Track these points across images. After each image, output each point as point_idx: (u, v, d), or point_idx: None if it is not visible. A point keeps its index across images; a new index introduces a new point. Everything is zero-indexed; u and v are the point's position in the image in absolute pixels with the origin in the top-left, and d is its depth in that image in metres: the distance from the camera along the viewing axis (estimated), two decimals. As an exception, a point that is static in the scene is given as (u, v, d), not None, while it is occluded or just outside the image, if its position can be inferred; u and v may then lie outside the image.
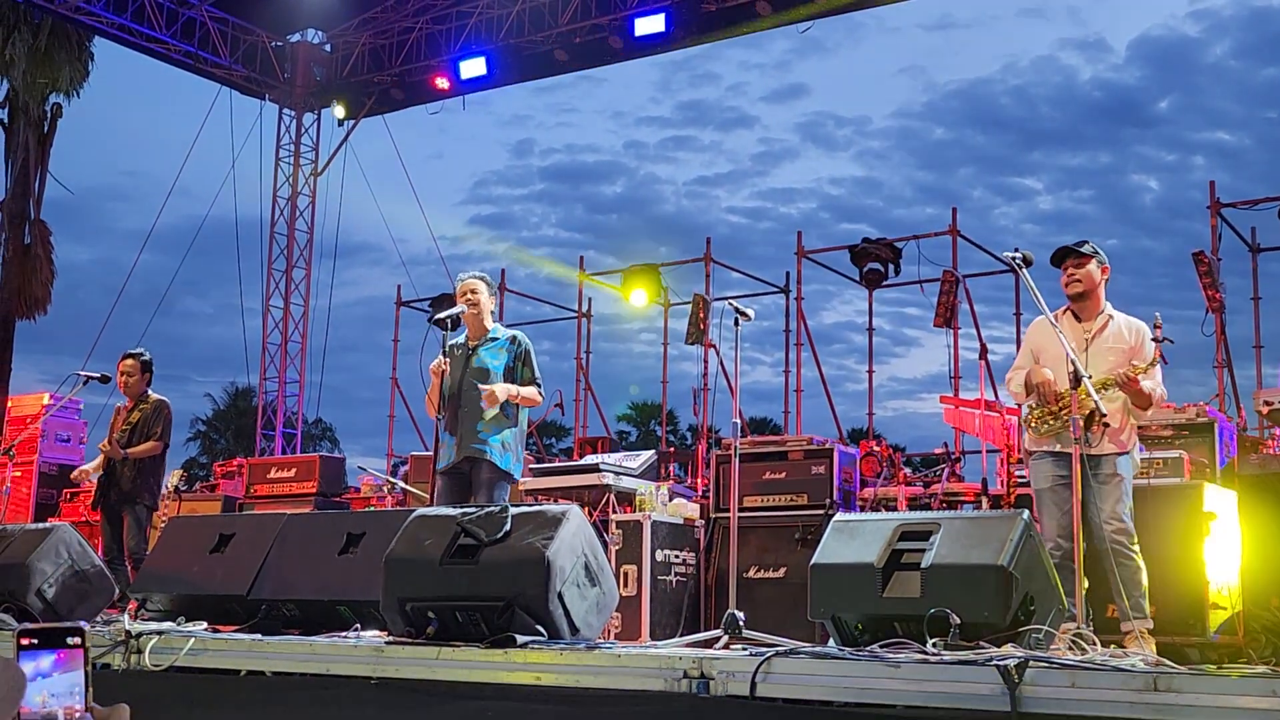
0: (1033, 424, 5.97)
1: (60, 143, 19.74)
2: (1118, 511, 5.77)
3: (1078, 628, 4.84)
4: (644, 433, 47.14)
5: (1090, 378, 5.52)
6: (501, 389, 6.47)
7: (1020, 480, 7.64)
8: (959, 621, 4.19)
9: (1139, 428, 6.24)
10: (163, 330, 20.06)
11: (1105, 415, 5.42)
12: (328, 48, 18.18)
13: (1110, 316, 6.03)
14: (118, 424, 8.79)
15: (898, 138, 73.79)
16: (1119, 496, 5.80)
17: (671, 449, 15.11)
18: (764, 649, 4.25)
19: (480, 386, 6.46)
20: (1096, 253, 6.03)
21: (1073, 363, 5.45)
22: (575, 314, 15.01)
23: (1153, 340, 5.84)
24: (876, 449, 9.06)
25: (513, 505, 5.12)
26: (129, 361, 8.87)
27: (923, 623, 4.26)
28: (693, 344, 13.42)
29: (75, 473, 9.11)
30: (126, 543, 8.55)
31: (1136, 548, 5.79)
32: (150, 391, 8.92)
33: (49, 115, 19.60)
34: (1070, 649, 4.43)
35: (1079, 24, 78.53)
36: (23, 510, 12.06)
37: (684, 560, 8.13)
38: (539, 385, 6.66)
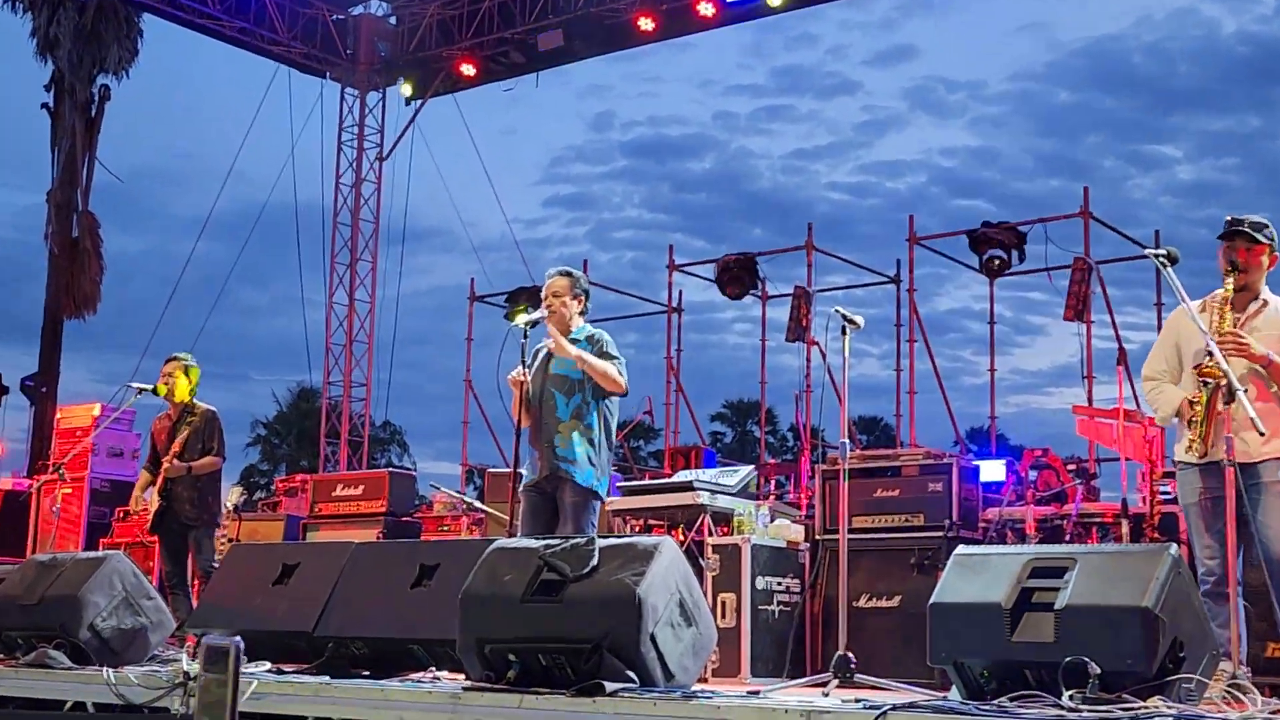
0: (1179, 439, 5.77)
1: (109, 127, 20.18)
2: None
3: (1234, 673, 4.74)
4: (740, 433, 47.13)
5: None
6: (572, 349, 6.53)
7: (1165, 497, 7.49)
8: (1099, 671, 4.12)
9: None
10: (220, 324, 20.41)
11: (1241, 390, 5.18)
12: (393, 21, 18.32)
13: (1265, 302, 5.73)
14: (161, 437, 8.81)
15: (1017, 102, 73.07)
16: None
17: (771, 461, 15.05)
18: (878, 702, 4.22)
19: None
20: (1272, 239, 5.70)
21: (1208, 343, 5.26)
22: (664, 308, 15.01)
23: None
24: (1044, 460, 8.95)
25: (601, 536, 5.12)
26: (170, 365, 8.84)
27: (1057, 671, 4.20)
28: (793, 341, 13.39)
29: (132, 503, 9.13)
30: (197, 564, 8.68)
31: None
32: (197, 401, 8.88)
33: (96, 98, 20.04)
34: (1225, 700, 4.35)
35: (1223, -30, 76.95)
36: (74, 530, 12.33)
37: (787, 588, 8.08)
38: (618, 363, 6.62)
